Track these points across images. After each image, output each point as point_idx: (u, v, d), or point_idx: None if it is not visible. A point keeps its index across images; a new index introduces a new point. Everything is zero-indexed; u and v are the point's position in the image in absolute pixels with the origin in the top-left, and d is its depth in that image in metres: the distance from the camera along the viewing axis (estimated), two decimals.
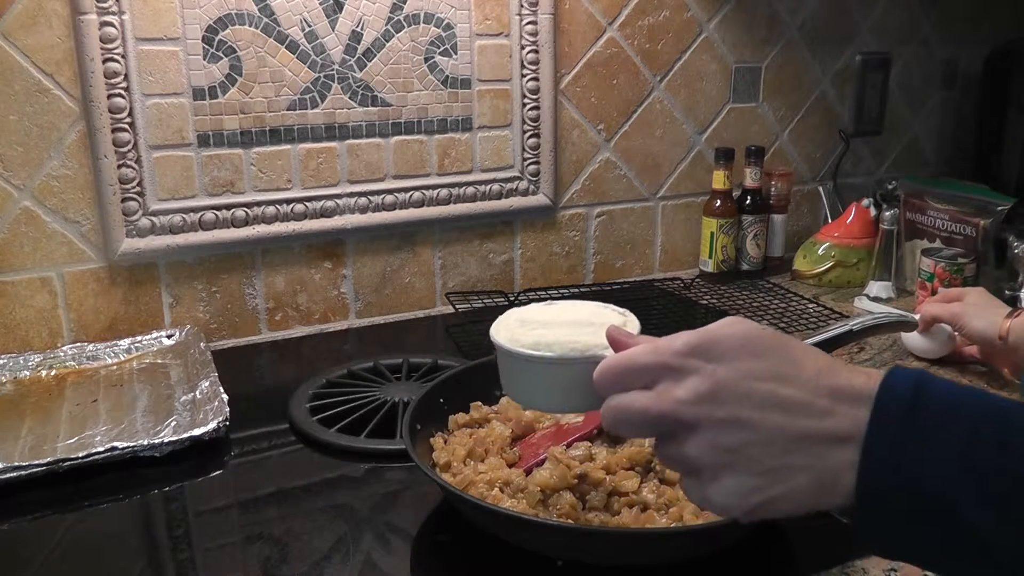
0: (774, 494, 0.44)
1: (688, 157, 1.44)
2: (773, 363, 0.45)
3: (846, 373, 0.45)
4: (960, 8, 1.66)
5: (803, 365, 0.45)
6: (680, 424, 0.45)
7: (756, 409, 0.44)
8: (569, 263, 1.38)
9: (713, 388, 0.44)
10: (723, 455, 0.44)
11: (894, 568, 0.67)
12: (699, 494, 0.46)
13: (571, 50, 1.29)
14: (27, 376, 1.00)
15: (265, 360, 1.13)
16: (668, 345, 0.46)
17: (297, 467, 0.84)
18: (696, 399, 0.44)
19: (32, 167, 1.02)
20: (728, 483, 0.44)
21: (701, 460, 0.45)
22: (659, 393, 0.46)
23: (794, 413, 0.43)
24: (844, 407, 0.43)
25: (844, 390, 0.44)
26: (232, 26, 1.07)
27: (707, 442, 0.44)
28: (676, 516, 0.66)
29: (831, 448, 0.43)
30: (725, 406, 0.44)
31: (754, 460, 0.44)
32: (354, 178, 1.18)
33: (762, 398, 0.44)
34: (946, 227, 1.27)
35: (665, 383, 0.46)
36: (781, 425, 0.43)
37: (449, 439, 0.78)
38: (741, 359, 0.45)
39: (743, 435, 0.44)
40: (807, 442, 0.43)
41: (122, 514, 0.77)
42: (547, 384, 0.58)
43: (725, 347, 0.45)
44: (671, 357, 0.46)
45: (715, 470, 0.45)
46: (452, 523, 0.71)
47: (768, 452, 0.44)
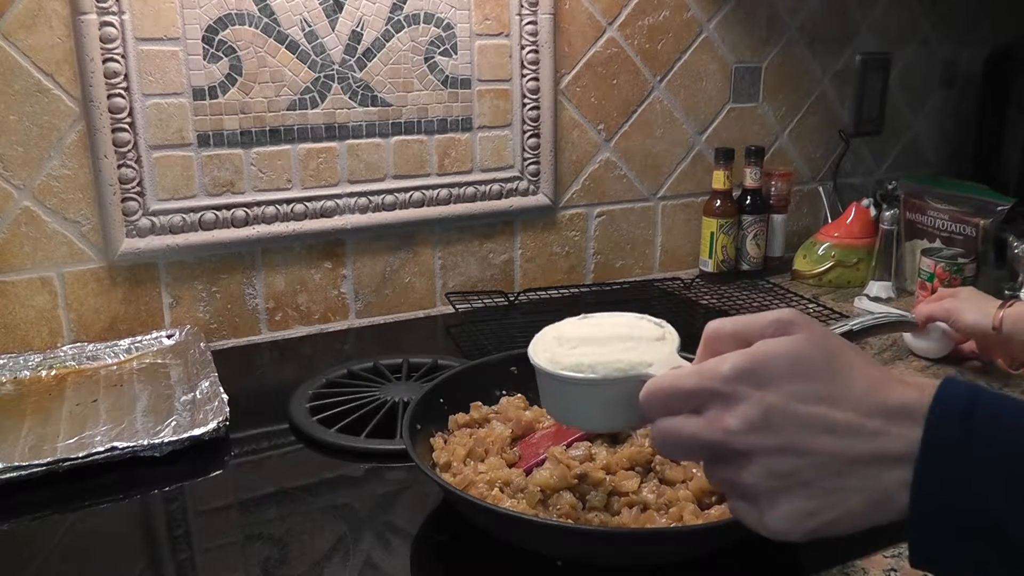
0: (830, 517, 0.44)
1: (688, 157, 1.44)
2: (823, 384, 0.44)
3: (898, 388, 0.44)
4: (960, 8, 1.66)
5: (853, 383, 0.45)
6: (733, 453, 0.45)
7: (808, 434, 0.44)
8: (569, 263, 1.38)
9: (764, 416, 0.44)
10: (777, 481, 0.44)
11: (894, 568, 0.67)
12: (755, 519, 0.46)
13: (571, 50, 1.29)
14: (27, 376, 1.00)
15: (265, 360, 1.13)
16: (715, 370, 0.46)
17: (297, 467, 0.84)
18: (748, 428, 0.44)
19: (32, 167, 1.02)
20: (784, 508, 0.45)
21: (757, 488, 0.45)
22: (709, 421, 0.45)
23: (846, 436, 0.44)
24: (896, 427, 0.43)
25: (895, 408, 0.44)
26: (232, 26, 1.07)
27: (762, 469, 0.45)
28: (676, 516, 0.66)
29: (884, 469, 0.43)
30: (777, 434, 0.44)
31: (808, 485, 0.44)
32: (354, 178, 1.18)
33: (813, 422, 0.44)
34: (946, 227, 1.27)
35: (715, 410, 0.45)
36: (833, 449, 0.44)
37: (449, 439, 0.78)
38: (790, 382, 0.44)
39: (796, 461, 0.44)
40: (860, 464, 0.43)
41: (122, 514, 0.77)
42: (590, 405, 0.57)
43: (773, 370, 0.45)
44: (719, 383, 0.45)
45: (770, 496, 0.45)
46: (452, 523, 0.71)
47: (822, 476, 0.44)
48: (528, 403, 0.83)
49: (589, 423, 0.61)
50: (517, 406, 0.82)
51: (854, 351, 0.47)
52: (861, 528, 0.45)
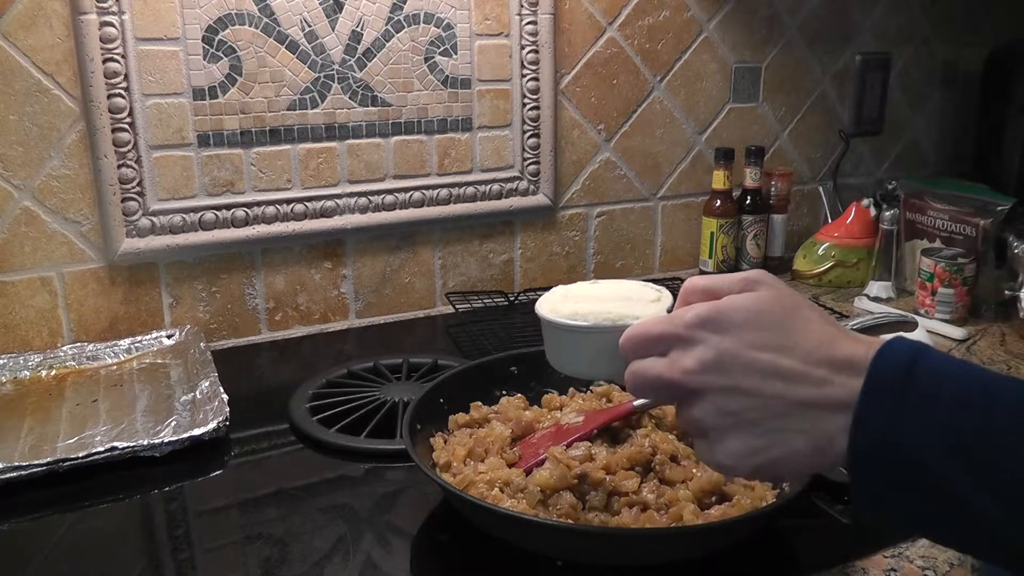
0: (774, 455, 0.47)
1: (688, 157, 1.44)
2: (776, 335, 0.48)
3: (848, 343, 0.47)
4: (960, 8, 1.66)
5: (805, 336, 0.48)
6: (688, 391, 0.49)
7: (756, 378, 0.47)
8: (569, 263, 1.38)
9: (717, 358, 0.48)
10: (726, 419, 0.48)
11: (894, 568, 0.67)
12: (707, 455, 0.50)
13: (571, 50, 1.29)
14: (27, 376, 1.00)
15: (265, 360, 1.13)
16: (681, 317, 0.50)
17: (297, 467, 0.84)
18: (701, 368, 0.48)
19: (32, 167, 1.02)
20: (731, 444, 0.48)
21: (706, 423, 0.49)
22: (671, 361, 0.50)
23: (792, 381, 0.47)
24: (840, 376, 0.46)
25: (842, 360, 0.46)
26: (232, 26, 1.07)
27: (711, 407, 0.48)
28: (676, 516, 0.66)
29: (826, 414, 0.46)
30: (728, 375, 0.48)
31: (754, 424, 0.47)
32: (354, 178, 1.18)
33: (762, 368, 0.47)
34: (946, 227, 1.27)
35: (676, 352, 0.50)
36: (780, 392, 0.47)
37: (449, 439, 0.78)
38: (745, 331, 0.48)
39: (744, 401, 0.47)
40: (803, 408, 0.46)
41: (122, 514, 0.77)
42: (582, 350, 0.63)
43: (732, 319, 0.48)
44: (682, 328, 0.49)
45: (720, 432, 0.49)
46: (452, 523, 0.71)
47: (767, 417, 0.47)
48: (528, 403, 0.83)
49: (580, 368, 0.66)
50: (517, 406, 0.82)
51: (813, 309, 0.50)
52: (804, 471, 0.49)
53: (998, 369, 1.05)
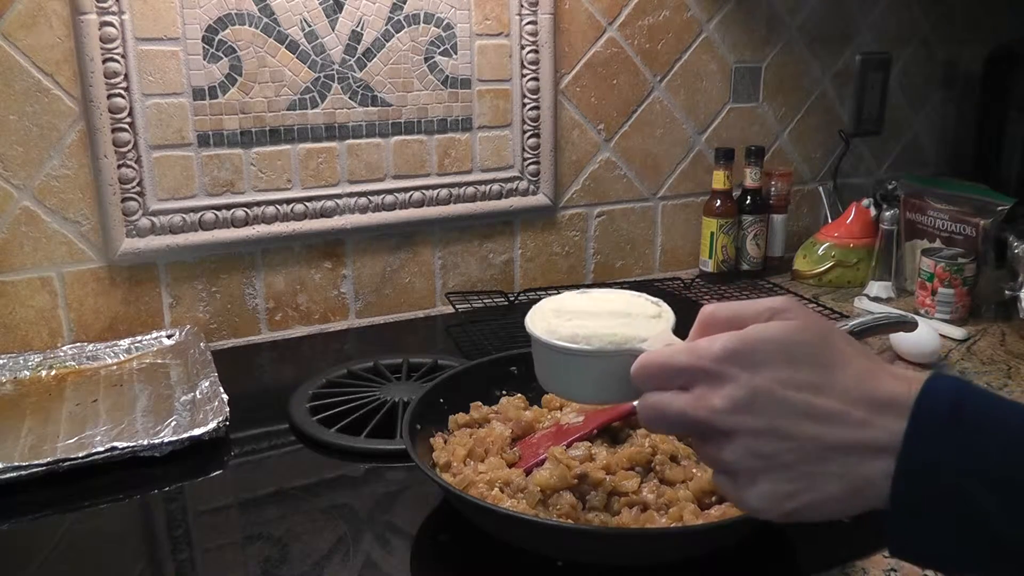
0: (806, 500, 0.45)
1: (688, 157, 1.44)
2: (811, 370, 0.45)
3: (887, 380, 0.45)
4: (960, 8, 1.66)
5: (843, 371, 0.45)
6: (716, 431, 0.46)
7: (791, 419, 0.44)
8: (569, 263, 1.38)
9: (749, 398, 0.45)
10: (758, 461, 0.45)
11: (894, 568, 0.67)
12: (735, 495, 0.48)
13: (571, 50, 1.29)
14: (27, 376, 1.00)
15: (265, 360, 1.13)
16: (707, 349, 0.46)
17: (297, 467, 0.84)
18: (732, 408, 0.45)
19: (32, 167, 1.02)
20: (763, 488, 0.46)
21: (737, 465, 0.46)
22: (696, 398, 0.46)
23: (829, 423, 0.44)
24: (880, 418, 0.43)
25: (881, 400, 0.44)
26: (232, 26, 1.07)
27: (743, 449, 0.45)
28: (676, 516, 0.66)
29: (865, 458, 0.43)
30: (761, 416, 0.45)
31: (788, 467, 0.45)
32: (354, 178, 1.18)
33: (797, 408, 0.44)
34: (946, 227, 1.27)
35: (702, 388, 0.46)
36: (815, 435, 0.44)
37: (449, 439, 0.78)
38: (778, 367, 0.45)
39: (778, 444, 0.45)
40: (841, 452, 0.44)
41: (122, 514, 0.77)
42: (584, 376, 0.58)
43: (763, 354, 0.45)
44: (709, 363, 0.46)
45: (751, 475, 0.46)
46: (452, 523, 0.71)
47: (802, 461, 0.44)
48: (528, 403, 0.83)
49: (581, 394, 0.62)
50: (517, 406, 0.82)
51: (846, 340, 0.47)
52: (839, 515, 0.46)
53: (998, 369, 1.05)
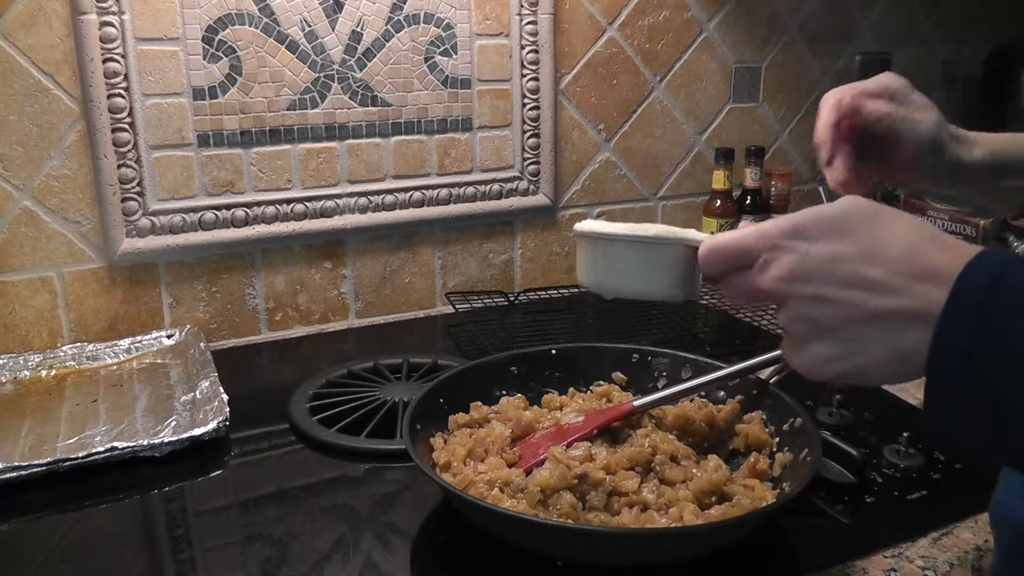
0: (855, 363, 0.48)
1: (688, 157, 1.44)
2: (861, 242, 0.47)
3: (935, 250, 0.46)
4: (960, 8, 1.66)
5: (892, 244, 0.47)
6: (775, 297, 0.50)
7: (839, 287, 0.47)
8: (569, 263, 1.38)
9: (801, 266, 0.48)
10: (808, 325, 0.49)
11: (894, 568, 0.67)
12: (792, 358, 0.51)
13: (571, 50, 1.29)
14: (27, 376, 1.00)
15: (265, 360, 1.13)
16: (771, 228, 0.50)
17: (297, 467, 0.84)
18: (789, 276, 0.49)
19: (32, 167, 1.02)
20: (814, 349, 0.49)
21: (792, 328, 0.50)
22: (760, 270, 0.51)
23: (873, 291, 0.46)
24: (922, 286, 0.45)
25: (925, 269, 0.45)
26: (232, 26, 1.07)
27: (796, 313, 0.49)
28: (676, 516, 0.66)
29: (907, 325, 0.45)
30: (811, 283, 0.48)
31: (835, 331, 0.48)
32: (354, 178, 1.18)
33: (845, 277, 0.47)
34: (946, 227, 1.27)
35: (764, 261, 0.50)
36: (859, 302, 0.47)
37: (449, 439, 0.78)
38: (832, 240, 0.48)
39: (825, 309, 0.48)
40: (884, 318, 0.46)
41: (122, 514, 0.77)
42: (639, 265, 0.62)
43: (818, 228, 0.48)
44: (774, 239, 0.50)
45: (803, 337, 0.50)
46: (452, 523, 0.71)
47: (847, 325, 0.47)
48: (528, 403, 0.83)
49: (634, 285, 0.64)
50: (517, 406, 0.82)
51: (903, 217, 0.49)
52: (888, 380, 0.48)
53: None
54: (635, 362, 0.88)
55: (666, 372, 0.87)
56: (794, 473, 0.70)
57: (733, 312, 1.25)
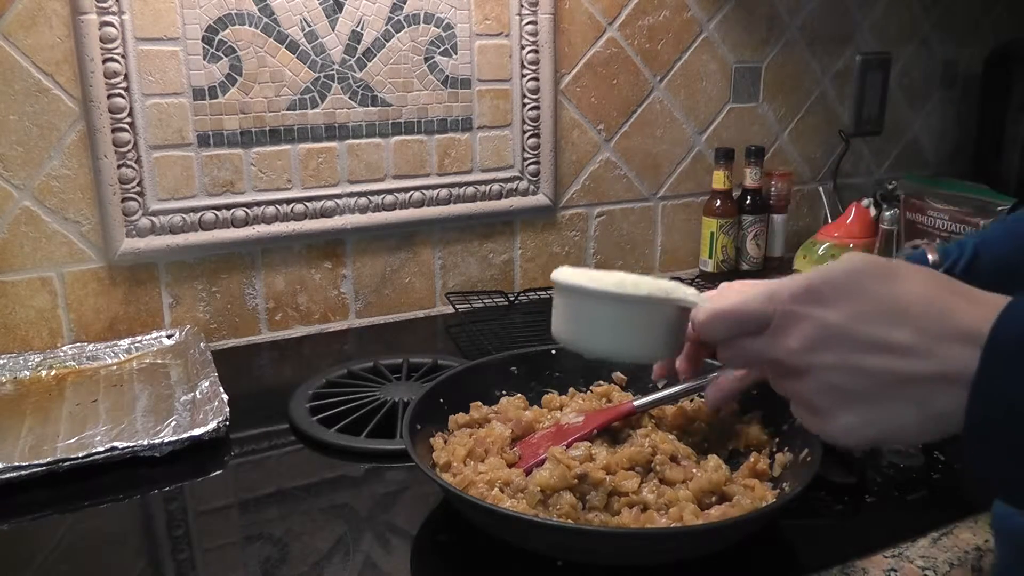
0: (885, 429, 0.46)
1: (688, 157, 1.44)
2: (882, 303, 0.45)
3: (960, 307, 0.44)
4: (960, 8, 1.66)
5: (912, 300, 0.45)
6: (794, 369, 0.48)
7: (864, 353, 0.45)
8: (569, 263, 1.38)
9: (822, 335, 0.46)
10: (836, 395, 0.46)
11: (894, 568, 0.67)
12: (816, 427, 0.49)
13: (571, 50, 1.29)
14: (27, 376, 1.00)
15: (265, 360, 1.13)
16: (779, 292, 0.48)
17: (297, 467, 0.84)
18: (808, 347, 0.47)
19: (32, 167, 1.02)
20: (842, 420, 0.47)
21: (816, 401, 0.47)
22: (772, 339, 0.48)
23: (902, 355, 0.44)
24: (953, 348, 0.43)
25: (954, 330, 0.43)
26: (232, 26, 1.07)
27: (820, 385, 0.47)
28: (676, 516, 0.66)
29: (939, 389, 0.44)
30: (835, 351, 0.46)
31: (865, 399, 0.46)
32: (354, 178, 1.18)
33: (869, 342, 0.45)
34: (946, 227, 1.27)
35: (777, 328, 0.48)
36: (890, 367, 0.45)
37: (449, 439, 0.78)
38: (850, 300, 0.46)
39: (853, 378, 0.46)
40: (915, 383, 0.44)
41: (122, 514, 0.77)
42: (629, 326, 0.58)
43: (833, 290, 0.46)
44: (785, 304, 0.48)
45: (830, 408, 0.47)
46: (452, 523, 0.71)
47: (878, 392, 0.45)
48: (528, 403, 0.83)
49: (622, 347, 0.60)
50: (517, 406, 0.82)
51: (918, 271, 0.47)
52: (921, 441, 0.49)
53: None
54: None
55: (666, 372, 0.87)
56: (794, 473, 0.70)
57: None
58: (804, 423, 0.50)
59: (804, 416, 0.50)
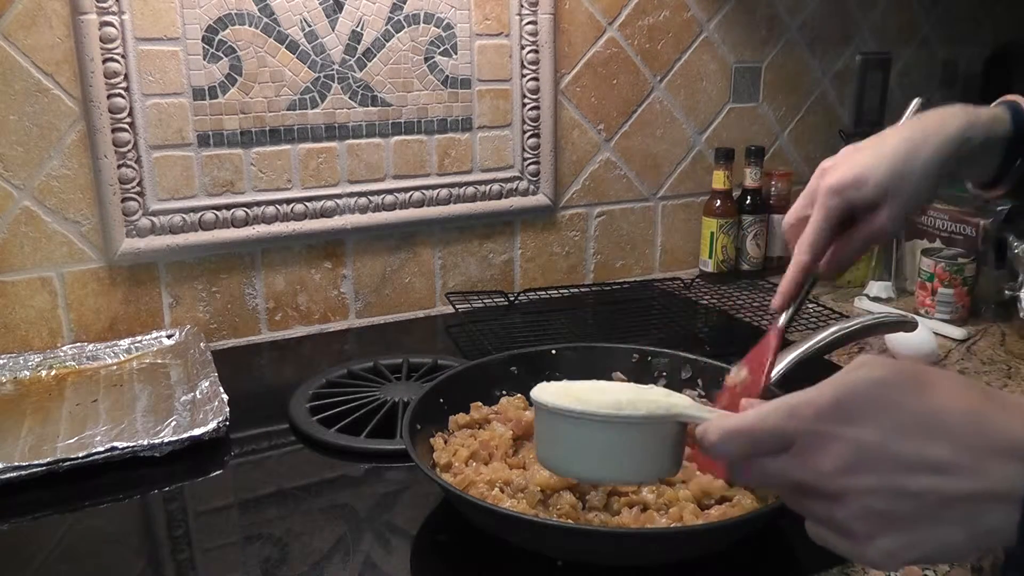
0: (930, 550, 0.43)
1: (688, 157, 1.44)
2: (917, 416, 0.42)
3: (999, 417, 0.42)
4: (960, 8, 1.66)
5: (949, 412, 0.42)
6: (825, 493, 0.44)
7: (904, 474, 0.42)
8: (569, 263, 1.38)
9: (857, 456, 0.42)
10: (874, 520, 0.43)
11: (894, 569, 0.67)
12: (848, 551, 0.45)
13: (571, 50, 1.29)
14: (27, 376, 1.00)
15: (265, 360, 1.13)
16: (801, 408, 0.44)
17: (297, 467, 0.84)
18: (842, 470, 0.42)
19: (32, 167, 1.02)
20: (882, 544, 0.43)
21: (853, 526, 0.43)
22: (799, 460, 0.44)
23: (945, 473, 0.41)
24: (999, 464, 0.41)
25: (998, 444, 0.41)
26: (232, 26, 1.07)
27: (858, 510, 0.43)
28: (676, 516, 0.66)
29: (986, 507, 0.41)
30: (872, 473, 0.42)
31: (906, 522, 0.42)
32: (354, 178, 1.18)
33: (909, 461, 0.42)
34: (946, 227, 1.27)
35: (803, 448, 0.44)
36: (932, 488, 0.41)
37: (449, 439, 0.78)
38: (882, 417, 0.42)
39: (893, 501, 0.42)
40: (960, 502, 0.41)
41: (122, 514, 0.77)
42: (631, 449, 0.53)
43: (863, 405, 0.43)
44: (810, 422, 0.43)
45: (869, 533, 0.43)
46: (452, 523, 0.71)
47: (921, 515, 0.42)
48: (528, 403, 0.83)
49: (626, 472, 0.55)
50: (517, 406, 0.82)
51: (950, 378, 0.44)
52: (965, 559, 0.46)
53: (998, 369, 1.05)
54: (635, 362, 0.88)
55: (666, 372, 0.87)
56: None
57: (733, 312, 1.25)
58: (833, 548, 0.45)
59: (834, 541, 0.45)
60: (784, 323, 0.70)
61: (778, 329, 0.70)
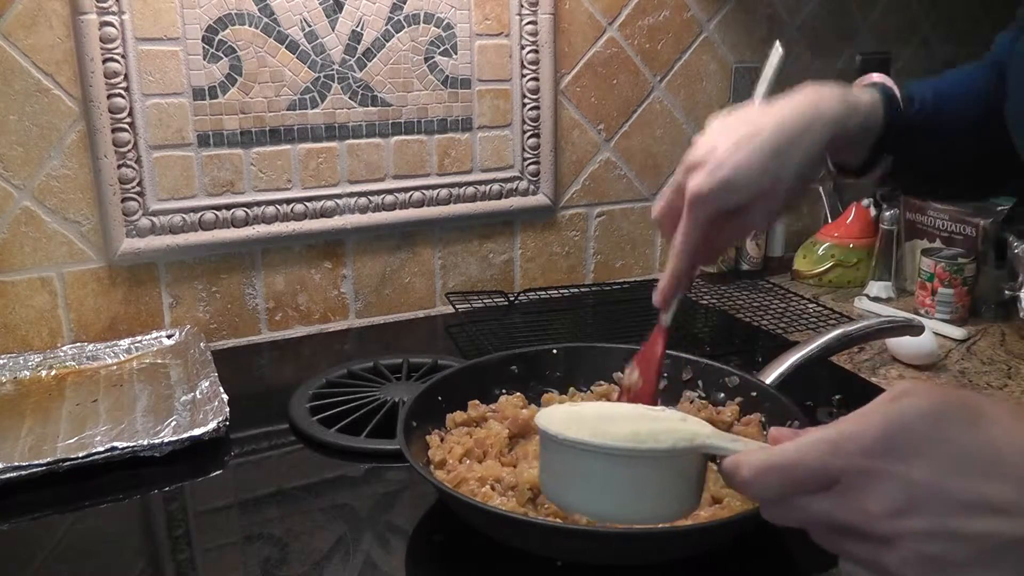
0: None
1: None
2: (971, 452, 0.39)
3: None
4: (960, 8, 1.66)
5: (1007, 447, 0.39)
6: (872, 537, 0.40)
7: (960, 516, 0.39)
8: (569, 263, 1.38)
9: (909, 497, 0.39)
10: (927, 565, 0.39)
11: None
12: None
13: (571, 50, 1.29)
14: (27, 376, 1.00)
15: (265, 360, 1.13)
16: (846, 444, 0.41)
17: (297, 467, 0.84)
18: (892, 512, 0.39)
19: (32, 167, 1.02)
20: None
21: (901, 571, 0.40)
22: (844, 500, 0.41)
23: (1005, 515, 0.38)
24: None
25: None
26: (232, 26, 1.07)
27: (910, 555, 0.40)
28: None
29: None
30: (927, 516, 0.39)
31: (962, 567, 0.39)
32: (354, 178, 1.18)
33: (966, 501, 0.39)
34: (946, 227, 1.27)
35: (849, 488, 0.41)
36: (992, 530, 0.39)
37: (446, 437, 0.78)
38: (934, 453, 0.39)
39: (948, 545, 0.39)
40: (1020, 544, 0.39)
41: (122, 514, 0.77)
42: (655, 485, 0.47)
43: (913, 440, 0.39)
44: (855, 459, 0.40)
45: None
46: (451, 523, 0.71)
47: (978, 559, 0.39)
48: (526, 401, 0.83)
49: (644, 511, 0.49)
50: (515, 404, 0.82)
51: (995, 405, 0.41)
52: None
53: (998, 369, 1.05)
54: None
55: (666, 372, 0.87)
56: None
57: (733, 312, 1.25)
58: None
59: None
60: (668, 322, 0.71)
61: (663, 329, 0.71)
